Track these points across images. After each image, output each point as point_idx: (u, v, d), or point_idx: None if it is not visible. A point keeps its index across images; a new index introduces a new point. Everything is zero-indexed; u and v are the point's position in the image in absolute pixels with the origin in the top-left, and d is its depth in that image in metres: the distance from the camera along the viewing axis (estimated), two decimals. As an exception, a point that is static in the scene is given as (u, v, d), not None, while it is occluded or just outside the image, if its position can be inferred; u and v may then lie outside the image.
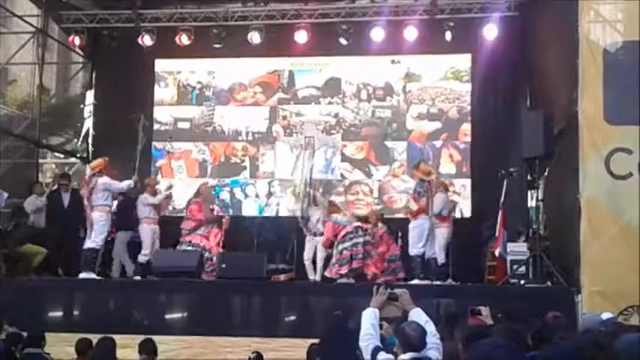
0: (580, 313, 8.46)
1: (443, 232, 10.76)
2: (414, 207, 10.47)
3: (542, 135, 10.17)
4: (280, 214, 13.61)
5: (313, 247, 11.31)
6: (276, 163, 13.90)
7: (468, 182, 13.32)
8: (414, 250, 10.36)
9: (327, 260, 10.95)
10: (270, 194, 13.86)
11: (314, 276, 11.18)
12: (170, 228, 11.76)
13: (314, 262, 11.31)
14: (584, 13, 9.15)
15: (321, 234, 11.13)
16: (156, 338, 8.88)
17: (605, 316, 6.60)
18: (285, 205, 13.56)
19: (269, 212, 13.75)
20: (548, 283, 9.90)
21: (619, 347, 4.24)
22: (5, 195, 11.52)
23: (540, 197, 10.94)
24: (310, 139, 11.24)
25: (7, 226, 11.60)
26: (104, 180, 10.58)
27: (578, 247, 8.88)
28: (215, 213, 12.12)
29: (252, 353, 7.61)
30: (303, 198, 11.29)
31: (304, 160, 11.13)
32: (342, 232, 10.63)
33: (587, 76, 9.07)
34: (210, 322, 9.50)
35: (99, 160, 10.95)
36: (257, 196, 13.94)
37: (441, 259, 10.62)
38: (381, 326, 4.78)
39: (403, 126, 13.74)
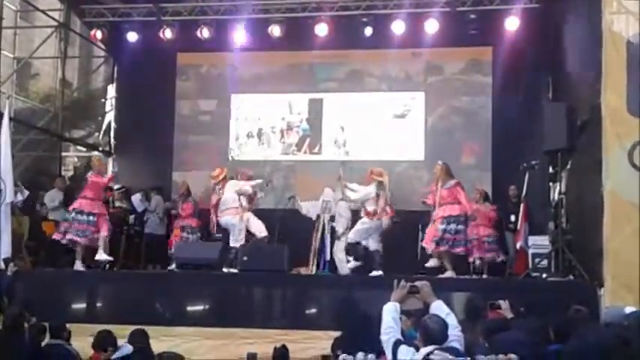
0: (603, 307, 8.38)
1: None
2: (372, 207, 10.84)
3: (564, 127, 10.10)
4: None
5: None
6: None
7: (489, 175, 13.23)
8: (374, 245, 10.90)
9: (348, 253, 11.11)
10: (287, 187, 13.69)
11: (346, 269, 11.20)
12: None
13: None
14: (607, 4, 9.03)
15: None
16: (177, 329, 9.07)
17: (629, 309, 6.54)
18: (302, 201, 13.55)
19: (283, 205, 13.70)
20: (571, 277, 9.84)
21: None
22: (26, 193, 11.63)
23: (563, 190, 10.86)
24: (328, 202, 11.45)
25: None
26: (231, 184, 11.37)
27: (601, 240, 8.79)
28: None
29: (279, 346, 7.41)
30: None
31: (324, 221, 11.46)
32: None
33: (610, 68, 8.96)
34: (231, 314, 9.54)
35: (217, 171, 11.76)
36: (273, 189, 13.92)
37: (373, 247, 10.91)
38: (400, 319, 4.79)
39: (424, 118, 13.70)
